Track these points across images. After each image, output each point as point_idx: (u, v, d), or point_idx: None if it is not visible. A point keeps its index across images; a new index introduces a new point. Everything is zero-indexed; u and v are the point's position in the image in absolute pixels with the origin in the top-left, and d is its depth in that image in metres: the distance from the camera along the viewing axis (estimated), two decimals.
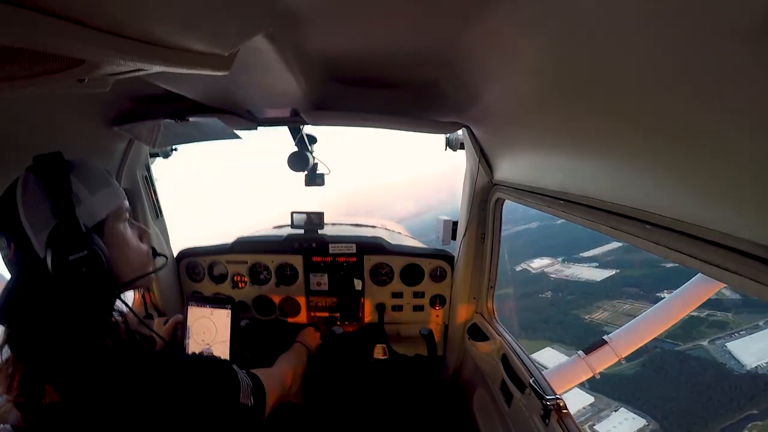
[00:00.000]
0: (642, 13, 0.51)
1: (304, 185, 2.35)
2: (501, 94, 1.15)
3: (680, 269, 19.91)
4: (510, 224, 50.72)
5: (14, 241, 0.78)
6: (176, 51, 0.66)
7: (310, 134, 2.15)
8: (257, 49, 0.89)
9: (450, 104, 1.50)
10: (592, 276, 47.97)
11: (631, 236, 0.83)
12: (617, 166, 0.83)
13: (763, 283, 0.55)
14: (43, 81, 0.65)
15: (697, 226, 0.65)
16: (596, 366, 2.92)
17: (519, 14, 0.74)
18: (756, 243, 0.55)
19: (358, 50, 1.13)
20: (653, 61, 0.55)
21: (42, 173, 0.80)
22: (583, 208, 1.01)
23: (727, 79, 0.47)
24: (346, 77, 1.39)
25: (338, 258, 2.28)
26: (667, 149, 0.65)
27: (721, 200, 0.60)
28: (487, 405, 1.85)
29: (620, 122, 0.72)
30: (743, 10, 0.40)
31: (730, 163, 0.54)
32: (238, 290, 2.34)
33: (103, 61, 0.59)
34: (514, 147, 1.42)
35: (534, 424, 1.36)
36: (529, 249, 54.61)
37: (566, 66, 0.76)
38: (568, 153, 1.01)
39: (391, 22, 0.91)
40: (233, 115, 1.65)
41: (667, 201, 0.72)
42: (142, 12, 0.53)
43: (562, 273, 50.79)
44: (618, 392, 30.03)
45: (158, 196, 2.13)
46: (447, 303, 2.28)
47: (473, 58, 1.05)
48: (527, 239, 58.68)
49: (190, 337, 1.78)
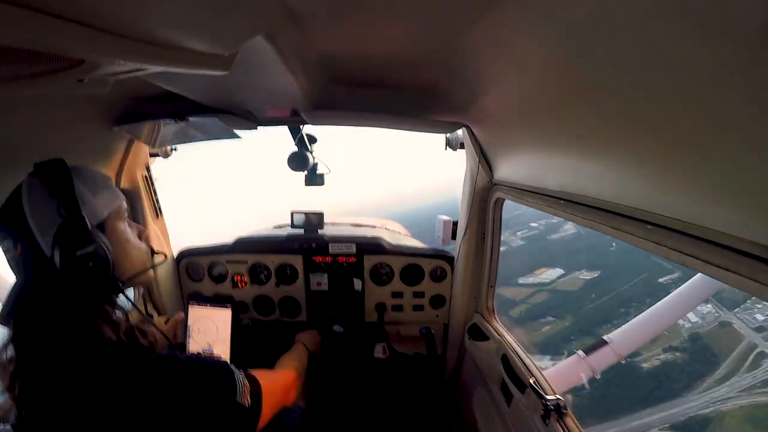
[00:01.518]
0: (642, 15, 0.51)
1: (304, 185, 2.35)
2: (501, 94, 1.15)
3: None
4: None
5: (21, 243, 0.80)
6: (176, 51, 0.66)
7: (310, 134, 2.15)
8: (257, 49, 0.89)
9: (450, 104, 1.50)
10: None
11: (631, 236, 0.83)
12: (617, 166, 0.83)
13: (763, 282, 0.55)
14: (43, 81, 0.65)
15: (697, 226, 0.65)
16: (596, 366, 2.92)
17: (519, 14, 0.74)
18: (756, 243, 0.55)
19: (358, 50, 1.13)
20: (653, 62, 0.55)
21: (46, 177, 0.82)
22: (584, 208, 1.00)
23: (727, 80, 0.47)
24: (346, 77, 1.40)
25: (338, 258, 2.29)
26: (668, 149, 0.65)
27: (721, 200, 0.60)
28: (487, 405, 1.85)
29: (620, 122, 0.72)
30: (743, 13, 0.40)
31: (730, 164, 0.55)
32: (238, 290, 2.34)
33: (103, 61, 0.59)
34: (514, 147, 1.42)
35: (534, 424, 1.36)
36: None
37: (566, 66, 0.76)
38: (568, 153, 1.01)
39: (391, 23, 0.91)
40: (233, 115, 1.65)
41: (667, 201, 0.72)
42: (142, 12, 0.53)
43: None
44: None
45: (158, 196, 2.13)
46: (447, 303, 2.28)
47: (473, 58, 1.05)
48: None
49: (190, 337, 1.78)
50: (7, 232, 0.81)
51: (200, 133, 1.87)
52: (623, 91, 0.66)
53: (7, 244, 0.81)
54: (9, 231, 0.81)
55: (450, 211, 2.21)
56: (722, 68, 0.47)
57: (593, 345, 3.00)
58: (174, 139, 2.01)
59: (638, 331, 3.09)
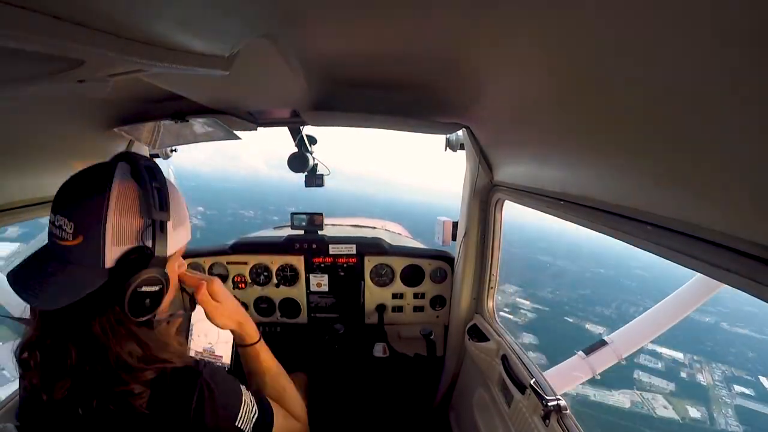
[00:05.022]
0: (642, 16, 0.52)
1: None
2: (501, 95, 1.15)
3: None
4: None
5: (84, 235, 0.70)
6: (176, 52, 0.66)
7: (310, 135, 2.15)
8: (257, 49, 0.89)
9: (450, 105, 1.50)
10: None
11: (631, 237, 0.83)
12: (618, 167, 0.83)
13: (763, 283, 0.55)
14: (43, 82, 0.65)
15: (697, 226, 0.65)
16: (597, 366, 2.91)
17: (520, 15, 0.74)
18: (756, 243, 0.55)
19: (358, 51, 1.13)
20: (653, 62, 0.55)
21: (144, 187, 0.74)
22: (584, 209, 1.00)
23: (726, 81, 0.47)
24: (346, 78, 1.39)
25: (338, 259, 2.29)
26: (668, 150, 0.65)
27: (721, 200, 0.60)
28: (487, 405, 1.85)
29: (621, 123, 0.72)
30: (743, 15, 0.40)
31: (730, 164, 0.55)
32: (238, 291, 2.34)
33: (104, 62, 0.60)
34: (514, 148, 1.42)
35: (534, 425, 1.35)
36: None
37: (566, 67, 0.76)
38: (568, 154, 1.01)
39: (391, 24, 0.91)
40: (233, 115, 1.65)
41: (667, 202, 0.72)
42: (142, 12, 0.53)
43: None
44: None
45: None
46: (447, 303, 2.28)
47: (474, 59, 1.05)
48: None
49: (192, 337, 1.78)
50: (76, 217, 0.70)
51: (200, 133, 1.87)
52: (623, 91, 0.66)
53: (67, 229, 0.70)
54: (78, 217, 0.70)
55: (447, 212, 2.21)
56: (722, 68, 0.47)
57: (593, 345, 2.99)
58: (174, 140, 2.01)
59: (639, 331, 3.08)
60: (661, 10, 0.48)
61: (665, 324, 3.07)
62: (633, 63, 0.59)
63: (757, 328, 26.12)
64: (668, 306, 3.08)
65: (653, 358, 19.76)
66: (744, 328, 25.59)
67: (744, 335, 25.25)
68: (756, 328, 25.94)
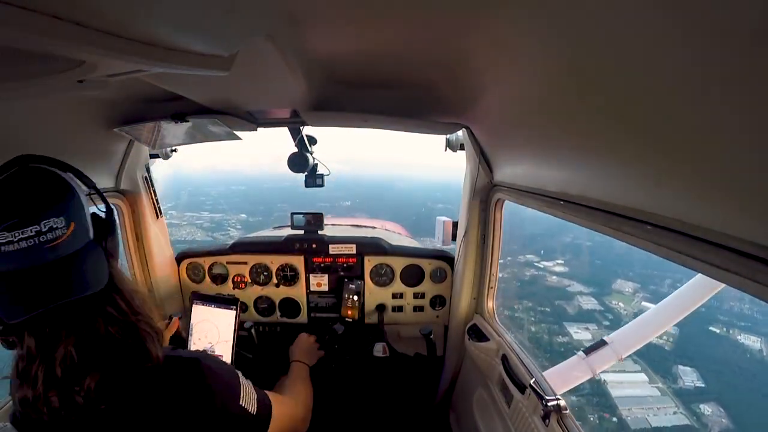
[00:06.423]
0: (642, 15, 0.52)
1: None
2: (501, 95, 1.15)
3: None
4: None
5: (74, 220, 0.75)
6: (176, 52, 0.66)
7: (310, 135, 2.15)
8: (257, 50, 0.89)
9: (450, 105, 1.50)
10: None
11: (632, 237, 0.83)
12: (618, 167, 0.83)
13: (763, 283, 0.55)
14: (43, 81, 0.65)
15: (697, 227, 0.65)
16: (596, 366, 2.91)
17: (519, 15, 0.74)
18: (756, 243, 0.55)
19: (358, 51, 1.13)
20: (653, 62, 0.55)
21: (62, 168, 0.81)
22: (584, 209, 1.00)
23: (727, 81, 0.47)
24: (346, 78, 1.39)
25: (338, 259, 2.29)
26: (668, 150, 0.65)
27: (721, 200, 0.60)
28: (487, 405, 1.85)
29: (621, 123, 0.72)
30: (743, 13, 0.40)
31: (730, 164, 0.54)
32: (238, 290, 2.34)
33: (103, 62, 0.60)
34: (514, 148, 1.42)
35: (534, 425, 1.35)
36: None
37: (566, 67, 0.76)
38: (568, 154, 1.01)
39: (391, 24, 0.91)
40: (233, 116, 1.65)
41: (667, 202, 0.72)
42: (142, 13, 0.53)
43: None
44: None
45: (158, 196, 2.13)
46: (447, 303, 2.28)
47: (474, 59, 1.05)
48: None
49: (192, 336, 1.78)
50: (57, 206, 0.73)
51: (200, 134, 1.87)
52: (623, 91, 0.66)
53: (58, 223, 0.72)
54: (58, 205, 0.73)
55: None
56: (722, 68, 0.47)
57: (593, 345, 2.99)
58: (174, 140, 2.01)
59: (638, 331, 3.08)
60: (661, 10, 0.48)
61: (665, 324, 3.07)
62: (633, 63, 0.59)
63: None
64: (668, 306, 3.08)
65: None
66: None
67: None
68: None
